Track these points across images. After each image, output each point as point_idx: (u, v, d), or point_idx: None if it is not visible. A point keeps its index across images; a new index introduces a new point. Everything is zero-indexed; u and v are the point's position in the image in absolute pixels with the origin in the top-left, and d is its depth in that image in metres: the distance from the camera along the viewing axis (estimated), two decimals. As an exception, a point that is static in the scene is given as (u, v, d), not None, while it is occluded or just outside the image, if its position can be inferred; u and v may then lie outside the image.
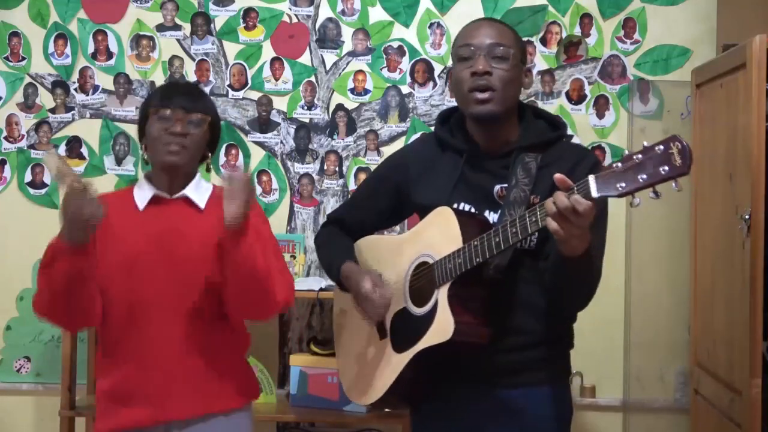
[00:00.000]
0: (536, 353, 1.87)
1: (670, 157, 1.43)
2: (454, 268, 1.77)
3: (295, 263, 3.06)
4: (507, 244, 1.68)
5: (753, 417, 2.37)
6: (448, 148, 1.97)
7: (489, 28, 1.89)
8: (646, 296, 3.08)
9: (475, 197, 1.89)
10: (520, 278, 1.85)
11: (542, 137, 1.91)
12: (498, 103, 1.84)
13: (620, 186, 1.48)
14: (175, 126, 1.98)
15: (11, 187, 3.16)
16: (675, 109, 3.08)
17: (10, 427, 3.16)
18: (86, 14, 3.15)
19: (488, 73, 1.83)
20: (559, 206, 1.54)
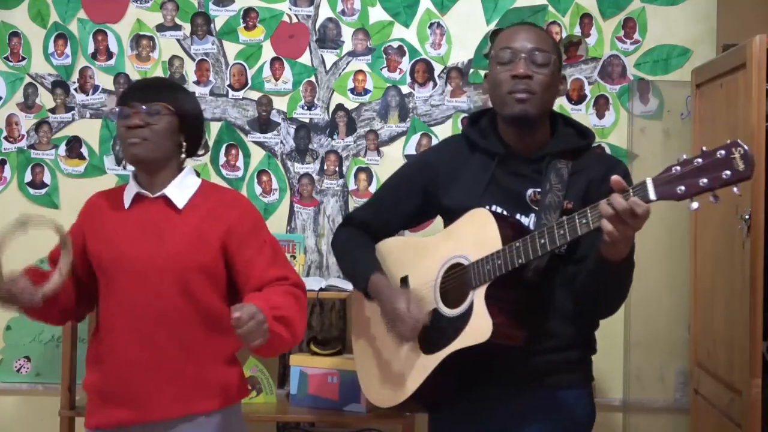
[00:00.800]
0: (566, 356, 1.89)
1: (732, 162, 1.46)
2: (492, 269, 1.77)
3: (295, 263, 3.06)
4: (553, 245, 1.69)
5: (753, 417, 2.37)
6: (478, 149, 1.96)
7: (530, 33, 1.90)
8: (646, 296, 3.08)
9: (506, 200, 1.89)
10: (552, 282, 1.86)
11: (572, 144, 1.92)
12: (535, 106, 1.85)
13: (680, 189, 1.50)
14: (132, 119, 1.98)
15: (11, 187, 3.16)
16: (675, 109, 3.08)
17: (10, 427, 3.16)
18: (86, 14, 3.15)
19: (528, 77, 1.84)
20: (617, 208, 1.56)
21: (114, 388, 1.99)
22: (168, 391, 1.97)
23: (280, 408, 2.92)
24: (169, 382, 1.97)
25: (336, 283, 2.87)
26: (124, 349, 1.98)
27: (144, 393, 1.96)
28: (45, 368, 3.15)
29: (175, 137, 2.05)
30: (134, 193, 2.05)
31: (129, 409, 1.97)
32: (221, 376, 2.05)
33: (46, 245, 3.08)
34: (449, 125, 3.11)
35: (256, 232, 2.07)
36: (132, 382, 1.97)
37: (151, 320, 1.98)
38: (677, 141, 3.05)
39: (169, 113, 2.02)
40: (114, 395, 1.98)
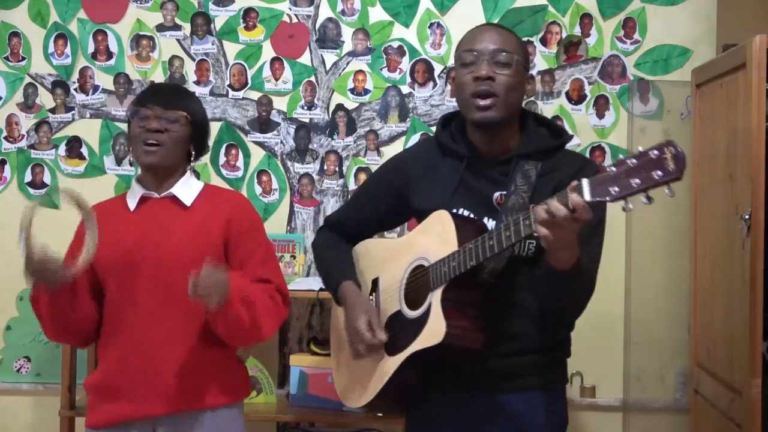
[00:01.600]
0: (531, 359, 1.86)
1: (663, 162, 1.43)
2: (448, 271, 1.77)
3: (295, 263, 3.06)
4: (501, 248, 1.67)
5: (753, 417, 2.37)
6: (449, 152, 1.96)
7: (493, 33, 1.88)
8: (646, 296, 3.08)
9: (474, 203, 1.88)
10: (516, 285, 1.84)
11: (543, 145, 1.90)
12: (500, 109, 1.84)
13: (614, 190, 1.47)
14: (151, 122, 2.02)
15: (11, 187, 3.16)
16: (675, 109, 3.08)
17: (10, 427, 3.16)
18: (86, 14, 3.15)
19: (491, 79, 1.83)
20: (552, 211, 1.53)
21: (119, 384, 1.99)
22: (173, 386, 1.98)
23: (280, 408, 2.92)
24: (174, 378, 1.98)
25: (336, 283, 2.87)
26: (129, 347, 2.00)
27: (149, 388, 1.97)
28: (45, 368, 3.15)
29: (186, 145, 2.10)
30: (140, 195, 2.09)
31: (134, 405, 1.97)
32: (226, 372, 2.07)
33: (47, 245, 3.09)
34: (449, 125, 3.11)
35: (252, 234, 2.11)
36: (137, 377, 1.98)
37: (157, 315, 1.99)
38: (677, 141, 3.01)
39: (186, 123, 2.08)
40: (118, 391, 1.99)
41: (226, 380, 2.06)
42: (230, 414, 2.07)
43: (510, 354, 1.85)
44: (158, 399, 1.97)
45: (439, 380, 1.88)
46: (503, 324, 1.84)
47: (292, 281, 2.96)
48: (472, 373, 1.85)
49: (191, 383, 2.00)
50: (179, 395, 1.98)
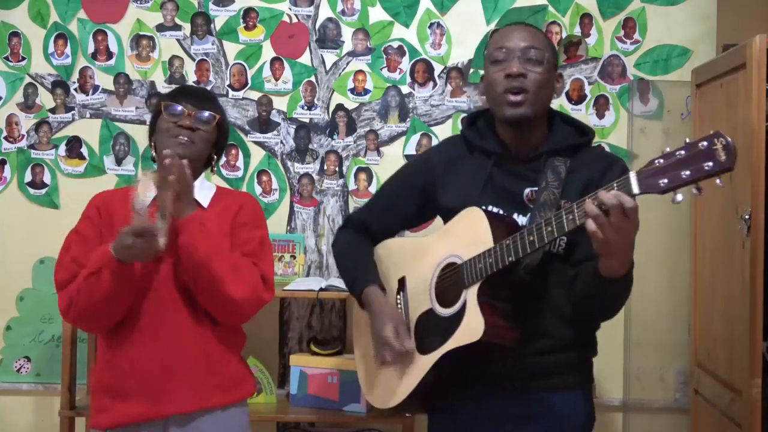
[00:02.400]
0: (564, 357, 1.87)
1: (714, 153, 1.43)
2: (484, 267, 1.76)
3: (295, 263, 3.06)
4: (542, 243, 1.66)
5: (753, 417, 2.37)
6: (476, 150, 1.96)
7: (523, 31, 1.89)
8: (646, 296, 3.08)
9: (503, 200, 1.88)
10: (547, 282, 1.84)
11: (570, 141, 1.91)
12: (530, 105, 1.84)
13: (663, 182, 1.47)
14: (185, 119, 2.04)
15: (11, 187, 3.16)
16: (675, 109, 3.08)
17: (10, 427, 3.16)
18: (86, 14, 3.15)
19: (522, 75, 1.83)
20: (603, 201, 1.52)
21: (129, 384, 1.99)
22: (185, 385, 1.98)
23: (280, 408, 2.92)
24: (185, 376, 1.98)
25: (336, 283, 2.87)
26: (141, 346, 1.99)
27: (160, 388, 1.97)
28: (45, 368, 3.15)
29: (211, 149, 2.14)
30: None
31: (145, 405, 1.97)
32: (237, 370, 2.08)
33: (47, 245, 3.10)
34: (449, 125, 3.11)
35: (251, 227, 2.12)
36: (148, 376, 1.97)
37: (170, 316, 1.99)
38: (677, 141, 3.00)
39: (216, 126, 2.11)
40: (130, 391, 1.98)
41: (235, 378, 2.07)
42: (238, 412, 2.09)
43: (541, 352, 1.85)
44: (170, 399, 1.97)
45: (472, 379, 1.88)
46: (535, 321, 1.84)
47: (292, 281, 2.96)
48: (507, 371, 1.85)
49: (202, 382, 2.00)
50: (191, 395, 1.98)
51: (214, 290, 1.95)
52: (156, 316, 1.99)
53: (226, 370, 2.05)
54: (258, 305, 2.03)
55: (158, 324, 1.99)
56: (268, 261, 2.11)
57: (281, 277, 3.05)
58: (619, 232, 1.56)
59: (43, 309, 3.13)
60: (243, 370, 2.12)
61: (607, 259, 1.64)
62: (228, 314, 2.02)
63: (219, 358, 2.03)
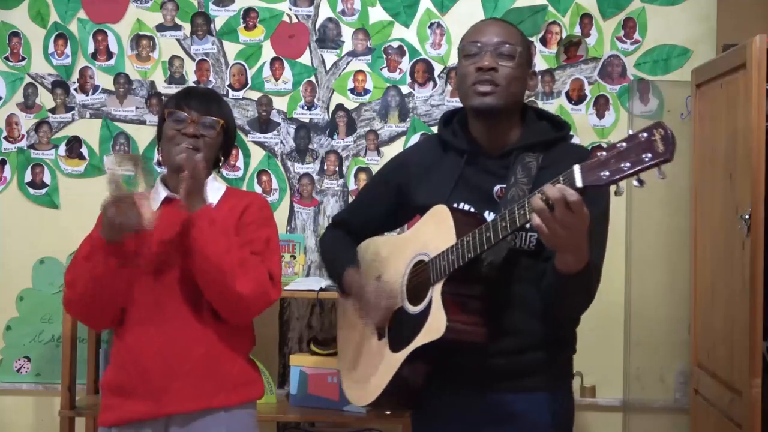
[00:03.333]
0: (535, 356, 1.85)
1: (653, 144, 1.41)
2: (447, 265, 1.76)
3: (295, 263, 3.06)
4: (497, 238, 1.66)
5: (753, 417, 2.37)
6: (450, 148, 1.96)
7: (497, 27, 1.90)
8: (646, 296, 3.08)
9: (474, 197, 1.88)
10: (517, 278, 1.83)
11: (543, 137, 1.90)
12: (500, 97, 1.84)
13: (604, 175, 1.44)
14: (188, 127, 2.04)
15: (11, 187, 3.16)
16: (675, 109, 3.08)
17: (10, 427, 3.16)
18: (86, 14, 3.15)
19: (494, 69, 1.83)
20: (548, 194, 1.51)
21: (135, 383, 1.99)
22: (187, 385, 1.98)
23: (280, 408, 2.92)
24: (187, 376, 1.98)
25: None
26: (146, 343, 2.00)
27: (163, 386, 1.97)
28: (45, 368, 3.15)
29: (217, 152, 2.13)
30: (164, 196, 2.09)
31: (149, 403, 1.98)
32: (242, 371, 2.08)
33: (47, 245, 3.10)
34: (449, 125, 3.11)
35: (258, 226, 2.11)
36: (151, 375, 1.98)
37: (176, 316, 2.00)
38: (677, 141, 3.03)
39: (221, 131, 2.10)
40: (135, 389, 1.99)
41: (241, 380, 2.06)
42: (243, 414, 2.07)
43: (515, 351, 1.84)
44: (172, 398, 1.97)
45: (444, 379, 1.87)
46: (505, 319, 1.83)
47: (292, 281, 2.96)
48: (476, 372, 1.84)
49: (204, 383, 2.00)
50: (192, 395, 1.98)
51: (221, 286, 1.95)
52: (161, 316, 2.00)
53: (231, 371, 2.04)
54: (265, 303, 2.02)
55: (163, 323, 2.00)
56: (275, 259, 2.11)
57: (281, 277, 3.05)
58: (565, 227, 1.53)
59: (43, 309, 3.13)
60: (249, 372, 2.11)
61: (561, 255, 1.63)
62: (235, 311, 2.01)
63: (223, 359, 2.03)
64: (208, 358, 2.00)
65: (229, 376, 2.04)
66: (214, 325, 2.02)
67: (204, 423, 2.01)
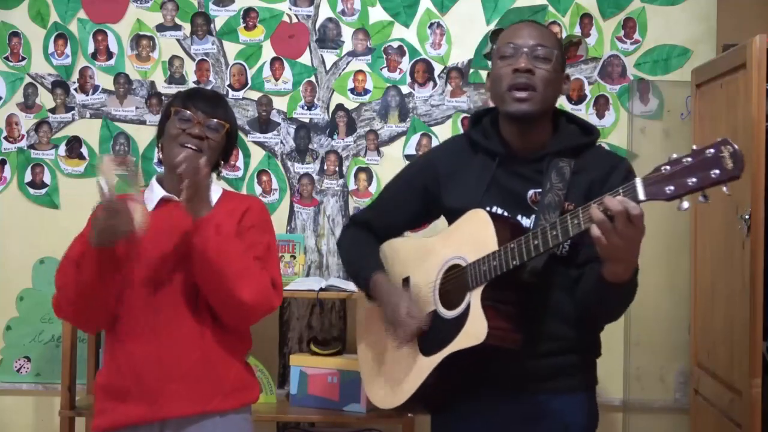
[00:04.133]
0: (567, 360, 1.86)
1: (721, 161, 1.42)
2: (489, 270, 1.75)
3: (295, 263, 3.06)
4: (546, 247, 1.65)
5: (753, 417, 2.37)
6: (480, 150, 1.94)
7: (533, 29, 1.88)
8: (646, 296, 3.06)
9: (507, 201, 1.87)
10: (551, 284, 1.83)
11: (574, 142, 1.89)
12: (536, 102, 1.83)
13: (669, 189, 1.46)
14: (194, 128, 2.02)
15: (11, 187, 3.16)
16: (675, 109, 3.08)
17: (10, 427, 3.16)
18: (86, 14, 3.15)
19: (530, 72, 1.82)
20: (609, 206, 1.50)
21: (129, 386, 1.98)
22: (182, 388, 1.97)
23: (280, 408, 2.92)
24: (182, 380, 1.97)
25: (336, 283, 2.87)
26: (140, 347, 1.98)
27: (157, 390, 1.96)
28: (45, 368, 3.15)
29: (218, 155, 2.11)
30: (160, 197, 2.07)
31: (144, 407, 1.96)
32: (238, 375, 2.06)
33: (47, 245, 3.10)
34: (449, 125, 3.11)
35: (259, 231, 2.09)
36: (145, 379, 1.96)
37: (171, 319, 1.98)
38: (677, 141, 3.05)
39: (225, 134, 2.09)
40: (129, 393, 1.98)
41: (236, 384, 2.05)
42: (239, 419, 2.05)
43: (547, 354, 1.84)
44: (166, 402, 1.96)
45: (476, 381, 1.87)
46: (539, 324, 1.83)
47: (292, 281, 2.96)
48: (511, 374, 1.84)
49: (200, 387, 1.98)
50: (187, 399, 1.97)
51: (225, 293, 1.93)
52: (156, 318, 1.98)
53: (227, 375, 2.03)
54: (267, 310, 2.01)
55: (158, 326, 1.98)
56: (275, 265, 2.10)
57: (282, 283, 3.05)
58: (624, 238, 1.54)
59: (43, 309, 3.13)
60: (246, 377, 2.09)
61: (612, 265, 1.63)
62: (237, 317, 2.00)
63: (219, 362, 2.01)
64: (203, 362, 1.99)
65: (225, 380, 2.02)
66: (210, 328, 2.00)
67: (199, 427, 1.99)
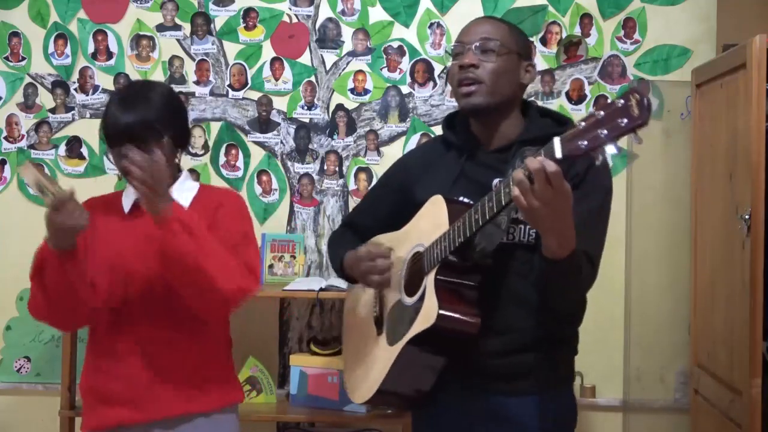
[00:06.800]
0: (530, 357, 1.83)
1: (628, 109, 1.39)
2: (439, 252, 1.77)
3: (295, 263, 3.06)
4: (484, 219, 1.65)
5: (753, 417, 2.37)
6: (452, 147, 1.98)
7: (481, 25, 1.92)
8: (646, 296, 3.08)
9: (474, 192, 1.86)
10: (515, 272, 1.82)
11: (545, 131, 1.87)
12: (484, 94, 1.85)
13: (583, 144, 1.43)
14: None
15: (11, 187, 3.16)
16: (675, 109, 3.08)
17: (10, 427, 3.16)
18: (86, 14, 3.15)
19: (474, 66, 1.85)
20: (528, 166, 1.49)
21: (110, 388, 1.98)
22: (164, 390, 1.96)
23: (280, 408, 2.92)
24: (163, 382, 1.97)
25: (336, 283, 2.87)
26: (120, 349, 1.98)
27: (140, 392, 1.96)
28: (45, 368, 3.15)
29: (173, 155, 2.04)
30: (134, 199, 2.04)
31: (127, 409, 1.96)
32: (220, 376, 2.06)
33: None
34: (449, 125, 3.11)
35: (232, 221, 2.03)
36: (128, 381, 1.96)
37: (149, 320, 1.97)
38: (677, 141, 3.05)
39: (164, 142, 1.98)
40: (112, 395, 1.98)
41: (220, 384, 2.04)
42: (225, 419, 2.05)
43: (507, 351, 1.82)
44: (150, 404, 1.96)
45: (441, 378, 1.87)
46: (500, 314, 1.81)
47: (292, 281, 2.96)
48: (471, 372, 1.83)
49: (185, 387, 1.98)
50: (170, 400, 1.97)
51: (199, 286, 1.87)
52: (135, 320, 1.97)
53: (208, 375, 2.01)
54: (244, 295, 1.94)
55: (138, 328, 1.97)
56: (251, 251, 2.03)
57: (281, 277, 3.05)
58: (543, 200, 1.51)
59: (43, 309, 3.13)
60: (227, 376, 2.08)
61: (544, 237, 1.61)
62: (213, 308, 1.94)
63: (200, 363, 2.00)
64: (184, 362, 1.98)
65: (206, 380, 2.01)
66: (189, 329, 1.98)
67: (184, 428, 1.99)
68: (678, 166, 3.02)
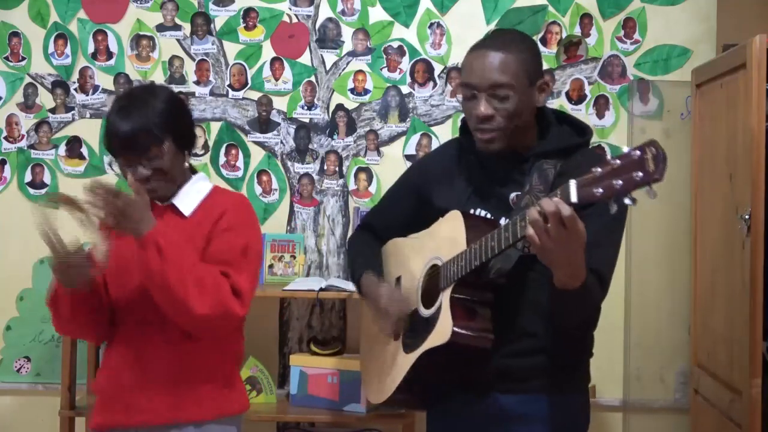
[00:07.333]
0: (543, 359, 1.84)
1: (644, 163, 1.40)
2: (456, 271, 1.78)
3: (295, 263, 3.07)
4: (500, 248, 1.67)
5: (753, 417, 2.37)
6: (470, 153, 1.96)
7: (487, 62, 1.81)
8: (646, 296, 3.08)
9: (491, 203, 1.88)
10: (529, 281, 1.82)
11: (562, 143, 1.86)
12: (502, 138, 1.82)
13: (597, 192, 1.44)
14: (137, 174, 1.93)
15: (11, 187, 3.16)
16: (675, 109, 3.08)
17: (10, 427, 3.16)
18: (86, 14, 3.15)
19: (490, 117, 1.81)
20: (543, 207, 1.50)
21: (108, 391, 2.01)
22: (154, 397, 1.97)
23: (280, 408, 2.92)
24: (154, 389, 1.97)
25: (336, 283, 2.87)
26: (118, 354, 2.01)
27: (132, 398, 1.97)
28: (45, 368, 3.15)
29: (180, 157, 2.03)
30: None
31: (123, 414, 1.98)
32: (216, 386, 2.02)
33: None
34: (449, 125, 3.11)
35: (234, 234, 2.00)
36: (122, 386, 1.98)
37: (151, 327, 1.97)
38: (677, 141, 3.05)
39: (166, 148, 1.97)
40: (112, 398, 2.00)
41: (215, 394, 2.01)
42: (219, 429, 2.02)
43: (520, 353, 1.83)
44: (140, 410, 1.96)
45: (454, 379, 1.88)
46: (515, 322, 1.83)
47: (292, 281, 2.96)
48: (485, 373, 1.84)
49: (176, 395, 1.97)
50: (163, 406, 1.96)
51: (176, 309, 1.87)
52: (138, 327, 1.99)
53: (202, 385, 1.99)
54: (227, 320, 1.92)
55: (134, 335, 1.99)
56: (246, 272, 1.97)
57: (281, 277, 3.05)
58: (556, 241, 1.52)
59: (43, 309, 3.07)
60: (228, 387, 2.05)
61: (555, 272, 1.62)
62: (195, 330, 1.95)
63: (193, 373, 1.98)
64: (175, 372, 1.97)
65: (201, 389, 1.99)
66: (182, 339, 1.96)
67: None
68: (678, 167, 3.01)
